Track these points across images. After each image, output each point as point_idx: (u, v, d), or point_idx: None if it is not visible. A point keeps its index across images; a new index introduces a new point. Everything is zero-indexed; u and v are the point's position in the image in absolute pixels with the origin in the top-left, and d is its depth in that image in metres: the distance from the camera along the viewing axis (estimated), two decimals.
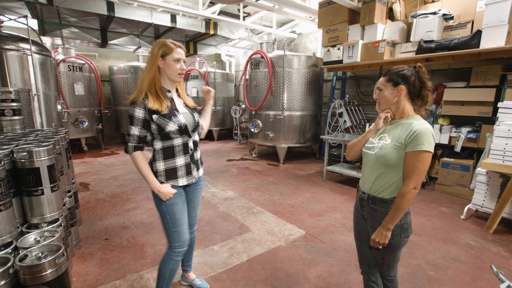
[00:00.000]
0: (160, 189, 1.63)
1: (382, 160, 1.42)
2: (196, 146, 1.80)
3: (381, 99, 1.49)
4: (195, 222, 2.01)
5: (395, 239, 1.43)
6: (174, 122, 1.60)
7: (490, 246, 2.83)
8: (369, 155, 1.50)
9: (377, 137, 1.52)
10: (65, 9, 5.20)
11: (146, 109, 1.57)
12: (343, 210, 3.69)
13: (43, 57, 4.38)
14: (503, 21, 3.48)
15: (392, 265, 1.54)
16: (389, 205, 1.43)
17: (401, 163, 1.38)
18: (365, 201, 1.53)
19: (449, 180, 4.33)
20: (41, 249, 1.58)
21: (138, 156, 1.62)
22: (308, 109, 6.28)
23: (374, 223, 1.49)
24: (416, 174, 1.30)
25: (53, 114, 4.71)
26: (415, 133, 1.30)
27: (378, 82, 1.50)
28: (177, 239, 1.72)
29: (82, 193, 4.18)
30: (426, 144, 1.28)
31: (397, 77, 1.42)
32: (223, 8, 7.12)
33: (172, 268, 1.75)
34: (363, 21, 4.93)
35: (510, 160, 2.95)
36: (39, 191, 1.85)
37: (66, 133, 2.86)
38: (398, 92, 1.42)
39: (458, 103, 4.27)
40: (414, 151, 1.30)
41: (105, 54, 9.12)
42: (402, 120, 1.45)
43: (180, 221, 1.72)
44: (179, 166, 1.70)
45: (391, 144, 1.40)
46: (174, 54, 1.59)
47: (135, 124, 1.58)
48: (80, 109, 6.94)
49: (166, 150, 1.66)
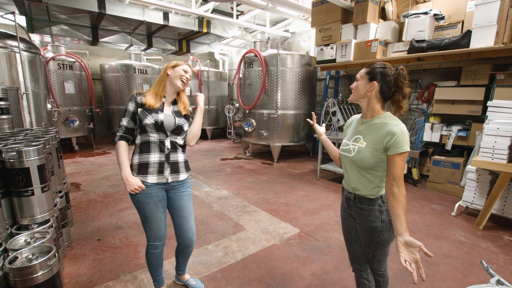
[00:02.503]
0: (128, 178, 1.69)
1: (360, 164, 1.42)
2: (176, 148, 1.81)
3: (354, 89, 1.46)
4: (192, 235, 1.92)
5: (384, 235, 1.45)
6: (152, 117, 1.71)
7: (480, 242, 2.89)
8: (346, 157, 1.50)
9: (351, 139, 1.51)
10: (54, 5, 5.10)
11: (136, 103, 1.75)
12: (337, 208, 3.71)
13: (32, 55, 4.28)
14: (492, 21, 3.55)
15: (383, 260, 1.57)
16: (375, 203, 1.44)
17: (379, 165, 1.39)
18: (351, 200, 1.53)
19: (440, 178, 4.41)
20: (32, 250, 1.55)
21: (121, 145, 1.75)
22: (301, 108, 6.30)
23: (363, 221, 1.49)
24: (400, 170, 1.34)
25: (43, 113, 4.62)
26: (394, 137, 1.31)
27: (359, 72, 1.46)
28: (149, 234, 1.85)
29: (73, 194, 4.11)
30: (405, 145, 1.31)
31: (374, 73, 1.39)
32: (216, 6, 7.08)
33: (151, 259, 1.91)
34: (356, 20, 4.97)
35: (499, 157, 3.02)
36: (29, 191, 1.81)
37: (56, 133, 2.81)
38: (370, 87, 1.39)
39: (449, 102, 4.34)
40: (397, 153, 1.32)
41: (96, 52, 8.98)
42: (373, 120, 1.43)
43: (151, 219, 1.80)
44: (152, 163, 1.74)
45: (368, 147, 1.40)
46: (183, 66, 1.79)
47: (125, 116, 1.76)
48: (71, 108, 6.82)
49: (143, 145, 1.76)
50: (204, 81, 8.84)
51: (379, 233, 1.45)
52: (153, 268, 1.95)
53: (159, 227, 1.83)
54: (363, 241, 1.56)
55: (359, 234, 1.58)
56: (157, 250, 1.89)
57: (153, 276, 2.00)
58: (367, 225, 1.47)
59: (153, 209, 1.78)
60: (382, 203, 1.44)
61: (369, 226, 1.46)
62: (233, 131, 9.09)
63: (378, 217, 1.44)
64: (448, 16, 4.39)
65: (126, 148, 1.76)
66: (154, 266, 1.94)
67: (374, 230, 1.46)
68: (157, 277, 2.00)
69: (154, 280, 2.01)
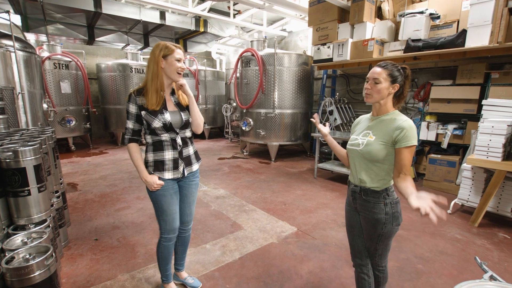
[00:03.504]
0: (147, 179, 1.74)
1: (368, 156, 1.49)
2: (187, 142, 1.86)
3: (375, 92, 1.47)
4: (190, 219, 2.02)
5: (387, 227, 1.49)
6: (159, 120, 1.70)
7: (475, 239, 2.92)
8: (354, 151, 1.56)
9: (360, 134, 1.58)
10: (50, 4, 5.06)
11: (137, 105, 1.72)
12: (334, 206, 3.73)
13: (27, 54, 4.25)
14: (487, 21, 3.58)
15: (384, 255, 1.61)
16: (380, 195, 1.49)
17: (386, 158, 1.46)
18: (357, 193, 1.57)
19: (436, 176, 4.44)
20: (29, 250, 1.55)
21: (132, 147, 1.77)
22: (299, 107, 6.31)
23: (367, 213, 1.54)
24: (408, 163, 1.43)
25: (39, 113, 4.59)
26: (403, 131, 1.39)
27: (375, 72, 1.46)
28: (164, 227, 1.87)
29: (70, 194, 4.09)
30: (413, 139, 1.39)
31: (395, 75, 1.45)
32: (213, 6, 7.07)
33: (162, 251, 1.93)
34: (352, 19, 4.99)
35: (493, 155, 3.05)
36: (26, 191, 1.80)
37: (52, 132, 2.79)
38: (392, 90, 1.47)
39: (445, 101, 4.37)
40: (406, 147, 1.40)
41: (92, 51, 8.93)
42: (382, 117, 1.52)
43: (167, 211, 1.83)
44: (167, 160, 1.78)
45: (377, 141, 1.47)
46: (175, 54, 1.68)
47: (130, 119, 1.75)
48: (67, 108, 6.78)
49: (155, 144, 1.77)
50: (201, 80, 8.83)
51: (382, 225, 1.50)
52: (164, 262, 1.97)
53: (174, 218, 1.87)
54: (366, 234, 1.59)
55: (362, 228, 1.62)
56: (170, 243, 1.92)
57: (163, 271, 2.01)
58: (371, 217, 1.52)
59: (169, 201, 1.82)
60: (387, 195, 1.50)
61: (373, 218, 1.51)
62: (231, 130, 9.09)
63: (382, 209, 1.49)
64: (443, 16, 4.42)
65: (138, 150, 1.78)
66: (166, 260, 1.96)
67: (378, 222, 1.50)
68: (166, 272, 2.01)
69: (163, 275, 2.03)
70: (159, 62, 1.67)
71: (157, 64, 1.67)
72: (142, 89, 1.74)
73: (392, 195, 1.52)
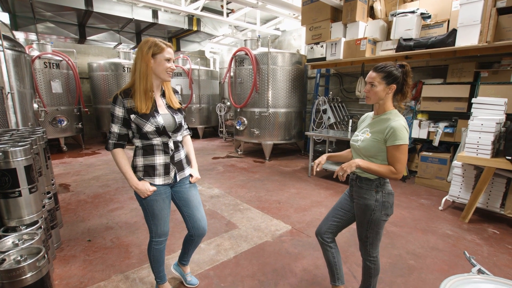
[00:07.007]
0: (138, 186, 1.65)
1: (364, 151, 1.63)
2: (178, 146, 1.79)
3: (372, 95, 1.59)
4: (204, 224, 1.91)
5: (376, 214, 1.59)
6: (152, 123, 1.60)
7: (466, 234, 2.98)
8: (354, 146, 1.72)
9: (361, 131, 1.72)
10: (39, 2, 4.98)
11: (125, 108, 1.60)
12: (328, 204, 3.76)
13: (16, 53, 4.17)
14: (476, 20, 3.65)
15: (375, 244, 1.67)
16: (373, 183, 1.60)
17: (379, 153, 1.58)
18: (354, 181, 1.72)
19: (428, 173, 4.51)
20: (20, 252, 1.52)
21: (118, 153, 1.66)
22: (292, 106, 6.33)
23: (359, 199, 1.66)
24: (398, 162, 1.52)
25: (29, 113, 4.51)
26: (391, 130, 1.50)
27: (370, 77, 1.58)
28: (155, 232, 1.82)
29: (62, 195, 4.04)
30: (400, 138, 1.49)
31: (391, 77, 1.54)
32: (206, 4, 7.04)
33: (154, 254, 1.89)
34: (345, 19, 5.02)
35: (483, 153, 3.11)
36: (16, 192, 1.78)
37: (43, 133, 2.75)
38: (389, 90, 1.56)
39: (436, 99, 4.44)
40: (393, 145, 1.51)
41: (83, 50, 8.80)
42: (381, 116, 1.63)
43: (159, 216, 1.77)
44: (158, 165, 1.70)
45: (372, 138, 1.60)
46: (165, 54, 1.59)
47: (115, 122, 1.63)
48: (58, 108, 6.67)
49: (145, 148, 1.69)
50: (195, 79, 8.78)
51: (371, 212, 1.59)
52: (157, 264, 1.94)
53: (165, 222, 1.82)
54: (357, 221, 1.69)
55: (355, 215, 1.72)
56: (161, 246, 1.88)
57: (157, 273, 1.98)
58: (362, 203, 1.63)
59: (162, 205, 1.76)
60: (379, 184, 1.60)
61: (364, 203, 1.62)
62: (225, 129, 9.07)
63: (373, 196, 1.60)
64: (434, 15, 4.48)
65: (124, 155, 1.68)
66: (158, 262, 1.93)
67: (367, 207, 1.60)
68: (160, 273, 1.99)
69: (157, 277, 2.00)
70: (148, 61, 1.55)
71: (145, 63, 1.55)
72: (129, 90, 1.61)
73: (385, 186, 1.61)
